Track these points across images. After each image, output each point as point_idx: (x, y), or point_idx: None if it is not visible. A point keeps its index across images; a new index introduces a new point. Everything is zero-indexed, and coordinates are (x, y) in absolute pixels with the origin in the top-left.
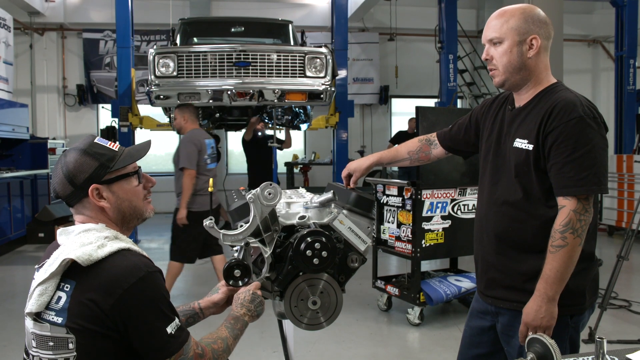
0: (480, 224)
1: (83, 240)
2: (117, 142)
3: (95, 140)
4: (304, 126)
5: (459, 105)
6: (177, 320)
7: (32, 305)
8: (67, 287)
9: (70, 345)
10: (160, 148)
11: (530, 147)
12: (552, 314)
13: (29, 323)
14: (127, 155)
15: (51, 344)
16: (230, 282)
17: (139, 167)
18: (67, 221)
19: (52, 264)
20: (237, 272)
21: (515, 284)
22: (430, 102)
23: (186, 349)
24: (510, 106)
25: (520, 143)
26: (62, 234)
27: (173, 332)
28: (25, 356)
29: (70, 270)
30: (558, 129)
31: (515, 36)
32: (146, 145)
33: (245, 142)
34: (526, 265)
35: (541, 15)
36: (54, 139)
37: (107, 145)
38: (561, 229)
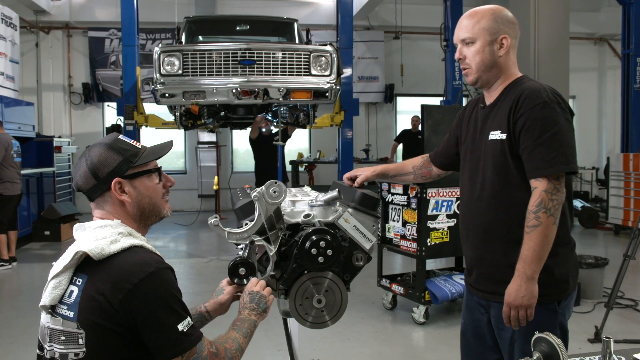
0: (465, 220)
1: (97, 235)
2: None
3: (120, 137)
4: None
5: (464, 104)
6: (189, 318)
7: (46, 298)
8: (79, 281)
9: (80, 341)
10: None
11: (504, 136)
12: (532, 292)
13: (44, 317)
14: (150, 153)
15: (63, 338)
16: (235, 280)
17: (160, 166)
18: (73, 219)
19: (66, 257)
20: (242, 271)
21: (504, 277)
22: (436, 101)
23: (199, 347)
24: (481, 105)
25: (494, 134)
26: (79, 229)
27: (185, 330)
28: (38, 351)
29: (83, 264)
30: (525, 115)
31: (487, 36)
32: (168, 145)
33: (251, 141)
34: (514, 258)
35: (509, 16)
36: (59, 137)
37: (131, 142)
38: (534, 209)
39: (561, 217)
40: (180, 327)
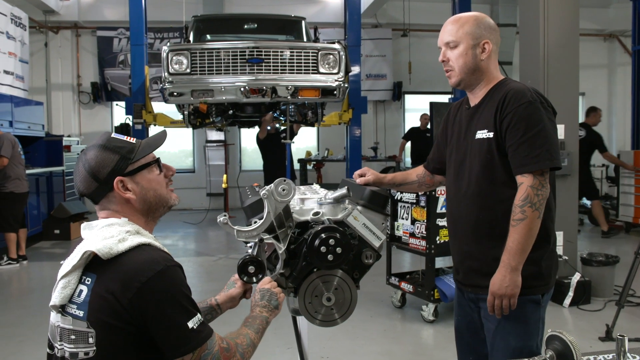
0: (452, 218)
1: (105, 234)
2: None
3: (112, 135)
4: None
5: None
6: (199, 315)
7: (55, 298)
8: (88, 281)
9: (90, 340)
10: (174, 145)
11: (491, 134)
12: (515, 282)
13: (54, 316)
14: (146, 146)
15: (73, 337)
16: (245, 278)
17: (158, 157)
18: (83, 218)
19: (75, 256)
20: (251, 268)
21: (491, 270)
22: (444, 98)
23: (210, 344)
24: (466, 106)
25: (482, 133)
26: (86, 228)
27: (195, 327)
28: (48, 350)
29: (92, 264)
30: (511, 113)
31: (470, 40)
32: (162, 135)
33: (259, 140)
34: (499, 252)
35: (491, 23)
36: (68, 136)
37: (125, 139)
38: (520, 204)
39: (547, 212)
40: (190, 324)
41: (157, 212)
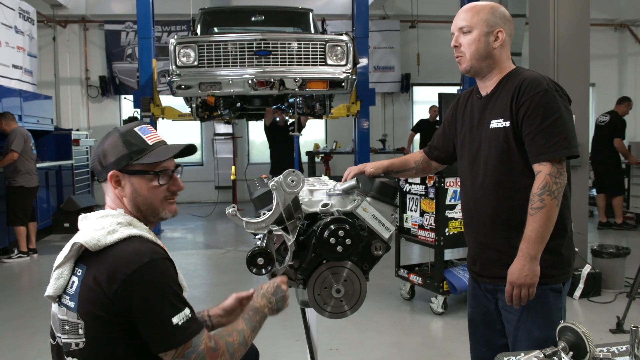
0: (468, 209)
1: (97, 225)
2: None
3: (135, 128)
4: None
5: None
6: (187, 311)
7: (50, 288)
8: (79, 272)
9: (80, 331)
10: (182, 139)
11: (507, 123)
12: (534, 272)
13: (54, 307)
14: (158, 153)
15: (66, 327)
16: (254, 271)
17: (175, 167)
18: (92, 211)
19: (67, 248)
20: (260, 260)
21: (509, 261)
22: (453, 90)
23: (196, 341)
24: (477, 95)
25: (497, 123)
26: (83, 220)
27: (180, 323)
28: (51, 340)
29: (84, 255)
30: (527, 102)
31: (484, 27)
32: (178, 147)
33: (266, 128)
34: (517, 241)
35: (506, 13)
36: (77, 130)
37: (143, 137)
38: (539, 192)
39: (563, 200)
40: (175, 319)
41: (148, 218)
